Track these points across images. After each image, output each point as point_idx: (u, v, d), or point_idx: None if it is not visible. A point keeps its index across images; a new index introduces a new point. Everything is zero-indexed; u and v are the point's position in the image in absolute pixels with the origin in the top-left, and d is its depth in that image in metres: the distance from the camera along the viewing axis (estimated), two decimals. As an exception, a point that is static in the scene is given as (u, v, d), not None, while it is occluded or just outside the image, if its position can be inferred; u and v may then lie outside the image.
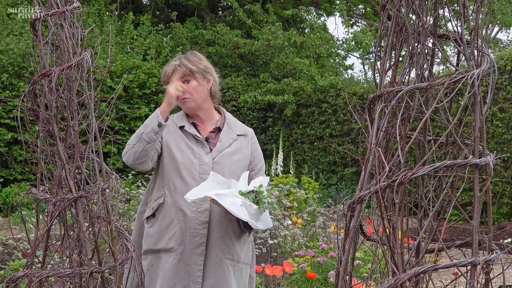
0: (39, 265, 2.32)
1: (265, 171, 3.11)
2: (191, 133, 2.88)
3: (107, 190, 2.18)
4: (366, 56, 15.71)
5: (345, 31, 22.86)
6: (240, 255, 2.89)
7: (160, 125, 2.71)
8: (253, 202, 2.66)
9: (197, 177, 2.81)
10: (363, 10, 19.50)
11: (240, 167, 2.90)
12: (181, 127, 2.90)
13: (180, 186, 2.81)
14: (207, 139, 2.92)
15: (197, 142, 2.88)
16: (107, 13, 14.68)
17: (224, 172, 2.83)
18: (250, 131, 3.06)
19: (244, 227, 2.85)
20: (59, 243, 2.26)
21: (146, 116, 11.49)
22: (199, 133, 2.92)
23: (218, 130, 2.96)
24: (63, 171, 2.17)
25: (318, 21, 18.10)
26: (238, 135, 2.96)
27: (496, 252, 1.79)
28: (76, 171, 2.21)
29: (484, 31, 1.86)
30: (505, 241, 6.13)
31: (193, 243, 2.79)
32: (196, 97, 2.89)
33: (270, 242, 5.78)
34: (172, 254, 2.80)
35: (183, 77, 2.87)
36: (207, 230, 2.79)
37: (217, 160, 2.86)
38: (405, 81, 1.95)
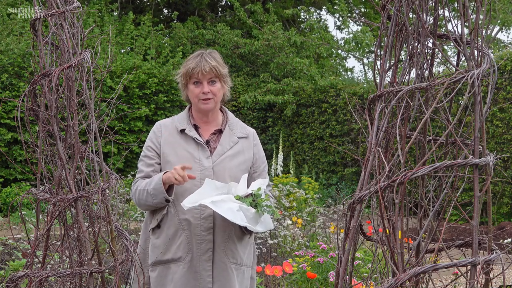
0: (39, 265, 2.33)
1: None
2: (191, 136, 2.87)
3: (107, 190, 2.18)
4: (366, 56, 15.70)
5: (345, 31, 22.82)
6: (243, 258, 2.90)
7: (167, 200, 2.77)
8: (250, 206, 2.65)
9: (199, 183, 2.79)
10: (365, 10, 19.48)
11: (241, 170, 2.88)
12: (182, 130, 2.89)
13: (182, 194, 2.80)
14: (207, 142, 2.90)
15: (198, 146, 2.86)
16: (108, 12, 14.67)
17: (225, 176, 2.82)
18: (252, 132, 3.03)
19: (245, 230, 2.85)
20: (59, 243, 2.26)
21: (146, 116, 11.51)
22: (200, 136, 2.91)
23: (219, 132, 2.94)
24: (63, 171, 2.17)
25: (318, 21, 18.09)
26: (239, 138, 2.94)
27: (496, 252, 1.79)
28: (76, 171, 2.21)
29: (484, 31, 1.86)
30: (505, 241, 6.13)
31: (200, 249, 2.79)
32: (217, 99, 2.91)
33: (270, 242, 5.79)
34: (181, 263, 2.81)
35: (211, 77, 2.87)
36: (212, 236, 2.80)
37: (217, 164, 2.84)
38: (405, 81, 1.95)
